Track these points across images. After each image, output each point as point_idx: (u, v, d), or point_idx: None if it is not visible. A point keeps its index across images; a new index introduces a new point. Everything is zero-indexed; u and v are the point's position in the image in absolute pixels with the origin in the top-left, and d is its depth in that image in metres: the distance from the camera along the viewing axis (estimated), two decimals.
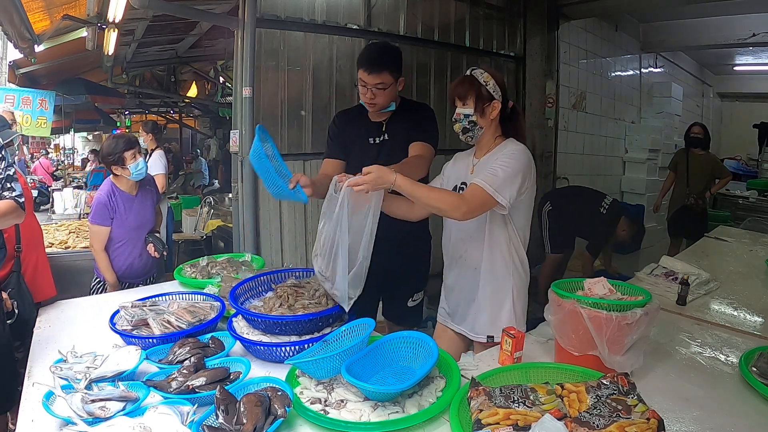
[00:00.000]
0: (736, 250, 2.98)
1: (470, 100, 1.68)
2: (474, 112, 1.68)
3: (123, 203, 2.53)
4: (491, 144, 1.76)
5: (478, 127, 1.71)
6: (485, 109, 1.69)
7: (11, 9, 3.57)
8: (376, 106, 1.98)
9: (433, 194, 1.63)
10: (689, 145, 4.96)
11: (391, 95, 1.98)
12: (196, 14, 3.80)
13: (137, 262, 2.61)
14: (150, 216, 2.67)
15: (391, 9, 4.10)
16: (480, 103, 1.68)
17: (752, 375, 1.35)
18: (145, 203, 2.64)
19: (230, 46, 3.52)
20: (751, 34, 5.98)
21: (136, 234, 2.60)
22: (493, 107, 1.70)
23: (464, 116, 1.70)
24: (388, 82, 1.92)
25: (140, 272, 2.66)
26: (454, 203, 1.58)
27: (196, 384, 1.25)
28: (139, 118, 13.24)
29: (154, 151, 4.67)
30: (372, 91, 1.93)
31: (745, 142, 8.50)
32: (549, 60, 5.17)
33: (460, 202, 1.58)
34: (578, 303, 1.34)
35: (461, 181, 1.80)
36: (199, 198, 7.26)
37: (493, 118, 1.72)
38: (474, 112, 1.68)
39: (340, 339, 1.43)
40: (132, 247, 2.59)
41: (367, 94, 1.95)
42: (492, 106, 1.70)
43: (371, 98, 1.95)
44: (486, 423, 1.05)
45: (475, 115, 1.69)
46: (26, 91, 5.93)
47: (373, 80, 1.91)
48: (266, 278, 1.80)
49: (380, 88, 1.92)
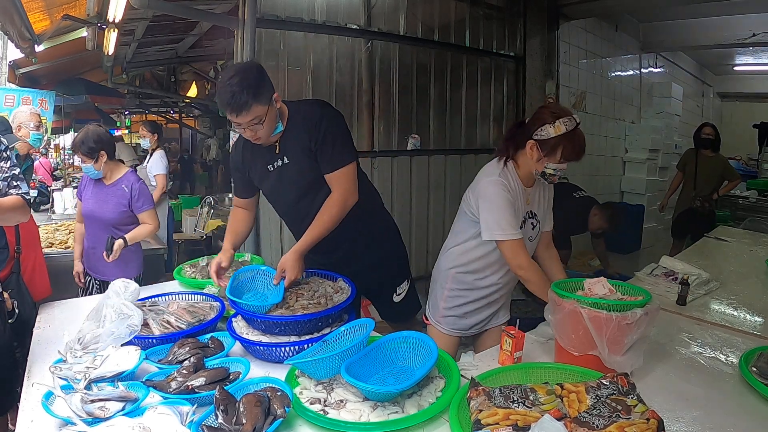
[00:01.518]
0: (736, 250, 2.98)
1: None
2: None
3: (92, 185, 2.63)
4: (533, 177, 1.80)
5: None
6: None
7: (11, 9, 3.57)
8: (261, 139, 1.70)
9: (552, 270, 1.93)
10: (699, 146, 4.87)
11: (272, 121, 1.68)
12: (196, 14, 3.80)
13: (92, 254, 2.59)
14: (109, 214, 2.58)
15: (391, 9, 4.10)
16: None
17: (752, 375, 1.35)
18: (108, 199, 2.59)
19: (230, 46, 3.52)
20: (751, 34, 5.98)
21: (90, 222, 2.60)
22: None
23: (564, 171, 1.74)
24: (262, 114, 1.62)
25: (97, 268, 2.60)
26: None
27: (196, 384, 1.25)
28: (139, 118, 13.25)
29: (155, 151, 4.67)
30: (249, 129, 1.65)
31: (745, 142, 8.48)
32: (549, 60, 5.17)
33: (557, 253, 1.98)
34: (578, 303, 1.34)
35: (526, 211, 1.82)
36: (199, 198, 7.27)
37: None
38: None
39: (340, 339, 1.43)
40: (90, 234, 2.60)
41: (246, 134, 1.68)
42: None
43: (253, 136, 1.67)
44: (485, 423, 1.05)
45: None
46: (26, 91, 5.93)
47: (244, 119, 1.61)
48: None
49: (256, 123, 1.63)
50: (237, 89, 1.56)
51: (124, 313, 1.47)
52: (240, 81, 1.57)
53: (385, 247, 2.06)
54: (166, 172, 4.60)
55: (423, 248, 4.39)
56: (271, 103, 1.65)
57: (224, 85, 1.59)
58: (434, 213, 4.47)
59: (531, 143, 1.70)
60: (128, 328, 1.44)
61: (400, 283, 2.11)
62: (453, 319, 1.96)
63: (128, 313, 1.47)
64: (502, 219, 1.68)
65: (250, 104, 1.58)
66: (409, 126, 4.33)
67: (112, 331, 1.42)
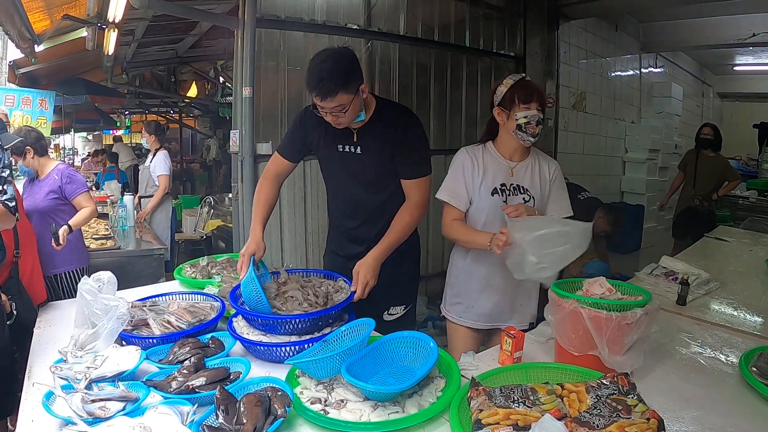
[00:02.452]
0: (736, 250, 2.98)
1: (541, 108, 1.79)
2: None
3: (29, 185, 2.78)
4: (526, 152, 1.89)
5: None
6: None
7: (11, 9, 3.57)
8: (342, 125, 1.73)
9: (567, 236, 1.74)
10: (699, 146, 4.88)
11: (356, 110, 1.71)
12: (196, 14, 3.80)
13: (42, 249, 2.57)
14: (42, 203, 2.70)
15: (391, 9, 4.10)
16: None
17: (752, 375, 1.35)
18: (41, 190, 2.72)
19: (230, 46, 3.53)
20: (751, 34, 5.98)
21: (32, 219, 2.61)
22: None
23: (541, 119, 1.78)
24: (347, 102, 1.63)
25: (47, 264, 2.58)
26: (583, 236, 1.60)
27: (196, 384, 1.25)
28: (139, 118, 13.25)
29: (158, 151, 4.67)
30: (331, 114, 1.68)
31: (745, 142, 8.49)
32: (549, 60, 5.17)
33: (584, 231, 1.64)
34: (578, 303, 1.34)
35: (500, 183, 1.85)
36: (199, 198, 7.27)
37: None
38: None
39: (340, 339, 1.43)
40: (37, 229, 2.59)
41: (327, 117, 1.70)
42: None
43: (334, 120, 1.70)
44: (486, 423, 1.05)
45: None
46: (26, 91, 5.93)
47: (329, 105, 1.63)
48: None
49: (340, 111, 1.65)
50: (326, 75, 1.58)
51: (110, 305, 1.45)
52: (331, 67, 1.60)
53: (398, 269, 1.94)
54: (169, 173, 4.59)
55: (423, 248, 4.38)
56: (357, 92, 1.66)
57: (315, 68, 1.61)
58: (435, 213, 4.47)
59: (496, 110, 1.85)
60: (119, 319, 1.44)
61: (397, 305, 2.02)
62: (460, 308, 1.99)
63: (113, 305, 1.45)
64: (448, 182, 1.89)
65: (336, 91, 1.59)
66: None
67: (105, 326, 1.42)
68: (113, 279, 1.61)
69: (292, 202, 3.62)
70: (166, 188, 4.54)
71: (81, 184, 2.78)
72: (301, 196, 3.65)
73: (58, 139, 10.09)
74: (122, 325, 1.45)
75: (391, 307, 2.01)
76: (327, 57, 1.62)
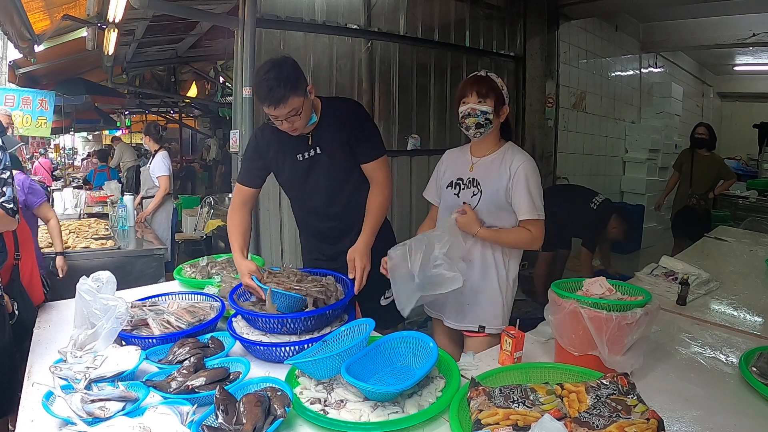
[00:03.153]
0: (736, 250, 2.98)
1: (490, 99, 1.75)
2: (492, 111, 1.75)
3: None
4: (494, 146, 1.84)
5: (490, 126, 1.78)
6: (500, 111, 1.78)
7: (11, 9, 3.57)
8: (298, 130, 1.77)
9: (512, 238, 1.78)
10: (694, 145, 4.91)
11: (308, 112, 1.75)
12: (196, 14, 3.80)
13: None
14: None
15: (391, 9, 4.10)
16: (498, 104, 1.76)
17: (752, 375, 1.35)
18: None
19: (230, 46, 3.52)
20: (751, 34, 5.98)
21: None
22: (503, 111, 1.79)
23: (481, 112, 1.75)
24: (299, 105, 1.68)
25: None
26: (529, 239, 1.74)
27: (196, 384, 1.25)
28: (139, 118, 13.26)
29: (157, 152, 4.66)
30: (287, 121, 1.71)
31: (745, 142, 8.49)
32: (549, 60, 5.17)
33: (532, 237, 1.74)
34: (578, 303, 1.34)
35: (457, 176, 1.87)
36: (199, 198, 7.27)
37: (501, 121, 1.82)
38: (492, 110, 1.75)
39: (340, 339, 1.43)
40: None
41: (284, 126, 1.73)
42: (503, 109, 1.79)
43: (290, 127, 1.73)
44: (486, 423, 1.05)
45: (492, 114, 1.76)
46: (26, 91, 5.94)
47: (282, 112, 1.67)
48: None
49: (294, 115, 1.69)
50: (274, 83, 1.63)
51: (108, 305, 1.45)
52: (276, 75, 1.64)
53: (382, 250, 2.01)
54: (168, 174, 4.58)
55: None
56: (306, 94, 1.71)
57: (261, 80, 1.66)
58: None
59: None
60: (117, 319, 1.43)
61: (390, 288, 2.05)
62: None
63: (112, 305, 1.45)
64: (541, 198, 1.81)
65: (287, 96, 1.64)
66: (409, 126, 4.33)
67: (104, 326, 1.42)
68: (112, 279, 1.60)
69: (287, 209, 3.62)
70: (166, 189, 4.53)
71: (41, 194, 2.77)
72: None
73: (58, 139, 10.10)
74: (121, 324, 1.45)
75: (386, 291, 2.02)
76: (270, 68, 1.67)
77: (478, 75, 1.81)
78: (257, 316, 1.52)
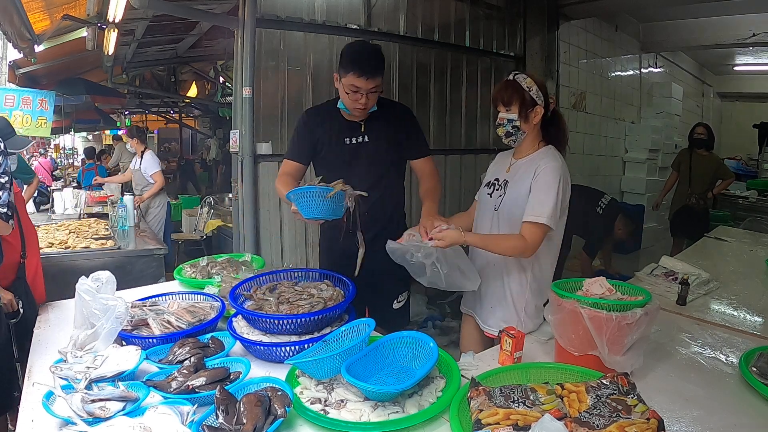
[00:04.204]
0: (736, 250, 2.98)
1: (515, 106, 1.73)
2: (518, 118, 1.73)
3: None
4: (531, 148, 1.81)
5: (521, 132, 1.76)
6: (528, 115, 1.74)
7: (11, 9, 3.56)
8: (367, 109, 1.88)
9: (501, 243, 1.71)
10: (692, 145, 4.93)
11: (377, 97, 1.89)
12: (196, 14, 3.80)
13: None
14: None
15: (391, 9, 4.09)
16: (524, 108, 1.73)
17: (752, 375, 1.35)
18: None
19: (230, 46, 3.52)
20: (751, 34, 5.98)
21: None
22: (535, 112, 1.74)
23: (508, 121, 1.75)
24: (380, 85, 1.84)
25: None
26: (519, 247, 1.66)
27: (196, 384, 1.25)
28: (139, 118, 13.25)
29: (143, 152, 4.97)
30: (367, 96, 1.82)
31: (745, 142, 8.50)
32: (549, 60, 5.17)
33: (524, 246, 1.66)
34: (578, 303, 1.34)
35: (495, 177, 1.89)
36: (199, 198, 7.27)
37: (535, 123, 1.77)
38: (518, 117, 1.73)
39: (340, 339, 1.43)
40: None
41: (360, 100, 1.83)
42: (535, 111, 1.74)
43: (365, 103, 1.84)
44: (486, 423, 1.05)
45: (519, 120, 1.74)
46: (26, 91, 5.92)
47: (369, 85, 1.80)
48: (266, 278, 1.79)
49: (374, 92, 1.83)
50: (373, 56, 1.80)
51: (108, 305, 1.45)
52: (374, 49, 1.84)
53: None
54: (161, 169, 4.94)
55: None
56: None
57: (360, 49, 1.82)
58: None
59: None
60: (117, 318, 1.43)
61: (403, 291, 2.17)
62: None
63: (112, 305, 1.45)
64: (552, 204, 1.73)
65: (380, 71, 1.81)
66: None
67: (104, 326, 1.42)
68: (112, 278, 1.60)
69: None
70: (163, 182, 4.90)
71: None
72: None
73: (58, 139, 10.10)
74: (121, 324, 1.45)
75: (399, 295, 2.14)
76: (366, 43, 1.87)
77: (505, 80, 1.78)
78: (257, 317, 1.52)
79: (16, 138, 2.49)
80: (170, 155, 13.38)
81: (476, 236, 1.75)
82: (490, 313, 1.88)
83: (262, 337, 1.52)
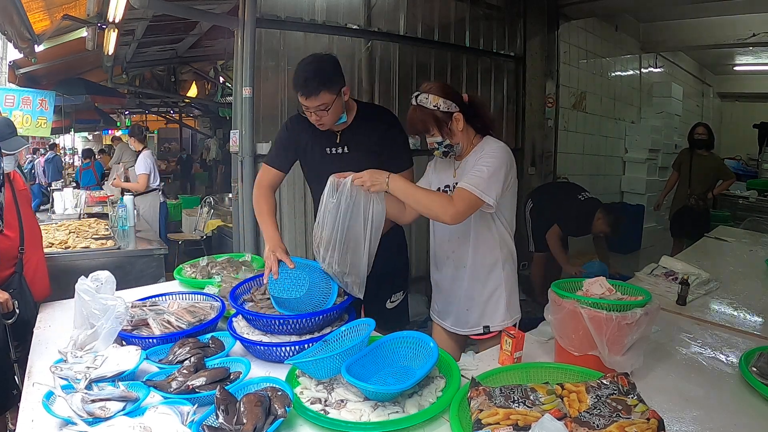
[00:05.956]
0: (736, 250, 2.98)
1: (434, 129, 1.69)
2: (443, 137, 1.69)
3: None
4: (470, 146, 1.77)
5: (455, 146, 1.72)
6: (450, 128, 1.70)
7: (11, 9, 3.57)
8: (325, 125, 1.85)
9: (426, 197, 1.64)
10: (693, 145, 4.92)
11: (337, 111, 1.84)
12: (196, 14, 3.81)
13: None
14: None
15: (391, 9, 4.09)
16: (443, 126, 1.68)
17: (752, 375, 1.35)
18: None
19: (230, 46, 3.53)
20: (751, 34, 5.98)
21: None
22: (455, 120, 1.69)
23: (438, 144, 1.72)
24: (329, 101, 1.77)
25: None
26: (443, 206, 1.59)
27: (196, 384, 1.25)
28: (139, 118, 13.25)
29: (140, 152, 5.07)
30: (315, 113, 1.80)
31: (745, 142, 8.50)
32: (549, 60, 5.17)
33: (449, 205, 1.58)
34: (578, 303, 1.34)
35: (444, 184, 1.82)
36: (199, 198, 7.28)
37: (461, 129, 1.72)
38: (443, 137, 1.69)
39: (340, 339, 1.43)
40: None
41: (312, 117, 1.82)
42: (453, 120, 1.69)
43: (317, 120, 1.83)
44: (486, 423, 1.05)
45: (446, 138, 1.70)
46: (26, 91, 5.92)
47: (312, 103, 1.76)
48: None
49: (323, 109, 1.78)
50: (310, 75, 1.74)
51: (108, 305, 1.45)
52: (315, 68, 1.76)
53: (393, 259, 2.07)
54: (148, 172, 4.98)
55: (423, 248, 4.39)
56: (339, 94, 1.80)
57: (301, 69, 1.76)
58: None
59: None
60: (117, 318, 1.43)
61: (396, 292, 2.16)
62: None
63: (111, 305, 1.45)
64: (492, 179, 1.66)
65: (320, 90, 1.73)
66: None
67: (104, 326, 1.42)
68: (111, 278, 1.60)
69: (292, 201, 3.62)
70: (144, 186, 4.95)
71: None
72: (301, 196, 3.65)
73: (58, 139, 10.09)
74: (120, 324, 1.45)
75: (393, 295, 2.14)
76: (312, 60, 1.79)
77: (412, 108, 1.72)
78: (258, 317, 1.52)
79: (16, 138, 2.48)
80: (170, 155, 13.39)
81: (402, 182, 1.62)
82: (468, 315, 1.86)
83: (262, 337, 1.52)
